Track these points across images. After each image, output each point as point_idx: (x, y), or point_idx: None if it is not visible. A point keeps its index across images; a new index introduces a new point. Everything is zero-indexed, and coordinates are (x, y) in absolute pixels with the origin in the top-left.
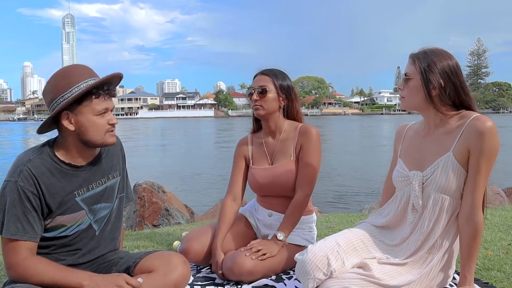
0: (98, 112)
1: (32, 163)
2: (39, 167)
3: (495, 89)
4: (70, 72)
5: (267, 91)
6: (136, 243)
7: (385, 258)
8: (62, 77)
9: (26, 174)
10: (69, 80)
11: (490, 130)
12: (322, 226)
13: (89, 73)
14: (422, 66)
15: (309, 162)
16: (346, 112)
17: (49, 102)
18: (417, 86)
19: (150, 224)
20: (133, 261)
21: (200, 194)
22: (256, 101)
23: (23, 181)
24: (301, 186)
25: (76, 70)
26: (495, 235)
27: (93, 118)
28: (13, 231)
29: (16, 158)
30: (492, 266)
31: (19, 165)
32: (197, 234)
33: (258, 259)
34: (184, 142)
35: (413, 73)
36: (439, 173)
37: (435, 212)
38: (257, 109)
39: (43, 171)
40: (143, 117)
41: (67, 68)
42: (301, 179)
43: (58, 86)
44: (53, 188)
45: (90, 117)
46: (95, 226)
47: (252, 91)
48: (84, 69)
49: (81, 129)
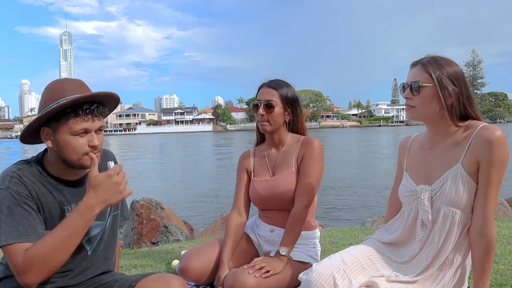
0: (75, 132)
1: (22, 171)
2: (28, 176)
3: (492, 99)
4: (58, 85)
5: (274, 106)
6: (134, 262)
7: (394, 276)
8: (49, 91)
9: (16, 180)
10: (53, 94)
11: (500, 140)
12: (325, 241)
13: (79, 89)
14: (436, 73)
15: (310, 172)
16: (344, 124)
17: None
18: (432, 94)
19: (148, 242)
20: (129, 284)
21: (199, 210)
22: (262, 116)
23: (15, 186)
24: (300, 196)
25: (63, 84)
26: (504, 248)
27: (69, 138)
28: (16, 236)
29: (4, 170)
30: (505, 282)
31: (8, 173)
32: (196, 252)
33: (261, 277)
34: (182, 158)
35: (427, 81)
36: (448, 186)
37: (445, 227)
38: (263, 125)
39: (32, 180)
40: (141, 133)
41: (56, 82)
42: (300, 189)
43: (43, 99)
44: (43, 198)
45: (66, 136)
46: (86, 245)
47: (258, 104)
48: (73, 84)
49: (58, 147)
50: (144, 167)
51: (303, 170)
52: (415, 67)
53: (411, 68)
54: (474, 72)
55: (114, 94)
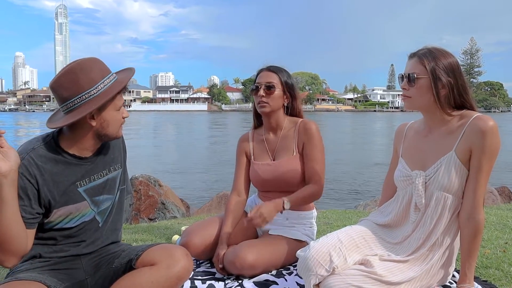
0: (118, 107)
1: (36, 152)
2: (42, 156)
3: (487, 88)
4: (90, 67)
5: (275, 87)
6: (134, 237)
7: (387, 255)
8: (83, 73)
9: (26, 163)
10: (92, 76)
11: (492, 129)
12: (320, 222)
13: (107, 69)
14: (431, 65)
15: (316, 156)
16: (339, 108)
17: (67, 97)
18: (427, 85)
19: (146, 218)
20: (135, 253)
21: (196, 188)
22: (262, 97)
23: (22, 169)
24: (314, 179)
25: (96, 65)
26: (492, 234)
27: (114, 114)
28: None
29: (21, 146)
30: (490, 264)
31: (22, 153)
32: (197, 228)
33: (257, 223)
34: (178, 136)
35: (422, 72)
36: (441, 172)
37: (437, 211)
38: (263, 106)
39: (46, 160)
40: (136, 110)
41: (87, 63)
42: (313, 172)
43: (80, 81)
44: (56, 177)
45: (112, 112)
46: (98, 218)
47: (259, 86)
48: (102, 65)
49: (103, 124)
50: (140, 145)
51: (310, 156)
52: (412, 59)
53: (408, 60)
54: (471, 60)
55: (134, 69)
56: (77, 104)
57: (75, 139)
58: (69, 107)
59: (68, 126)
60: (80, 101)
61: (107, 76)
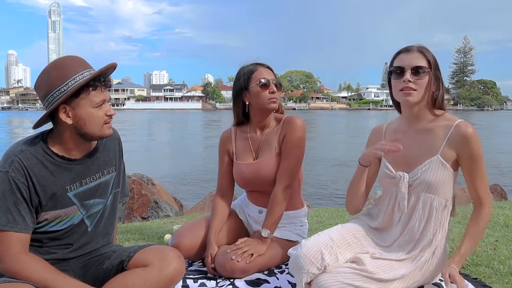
0: (96, 104)
1: (24, 154)
2: (30, 159)
3: (480, 86)
4: (64, 64)
5: (281, 86)
6: (127, 236)
7: (378, 253)
8: (57, 70)
9: (17, 165)
10: (63, 73)
11: (474, 135)
12: (312, 220)
13: (84, 65)
14: (431, 60)
15: (291, 152)
16: (334, 106)
17: (43, 96)
18: (428, 79)
19: (139, 217)
20: (127, 254)
21: (189, 187)
22: (274, 94)
23: (14, 172)
24: (280, 178)
25: (70, 62)
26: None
27: (91, 111)
28: (3, 222)
29: (8, 149)
30: (480, 262)
31: (10, 156)
32: (187, 229)
33: (245, 262)
34: (172, 134)
35: (427, 66)
36: (427, 175)
37: (425, 213)
38: (275, 103)
39: (34, 163)
40: (130, 108)
41: (61, 60)
42: (281, 170)
43: (53, 79)
44: (44, 181)
45: (88, 109)
46: (87, 221)
47: (272, 83)
48: (78, 61)
49: (79, 122)
50: (133, 144)
51: (284, 152)
52: (412, 53)
53: (405, 54)
54: (465, 58)
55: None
56: (51, 102)
57: (59, 139)
58: (46, 106)
59: (55, 128)
60: (53, 99)
61: (80, 72)
